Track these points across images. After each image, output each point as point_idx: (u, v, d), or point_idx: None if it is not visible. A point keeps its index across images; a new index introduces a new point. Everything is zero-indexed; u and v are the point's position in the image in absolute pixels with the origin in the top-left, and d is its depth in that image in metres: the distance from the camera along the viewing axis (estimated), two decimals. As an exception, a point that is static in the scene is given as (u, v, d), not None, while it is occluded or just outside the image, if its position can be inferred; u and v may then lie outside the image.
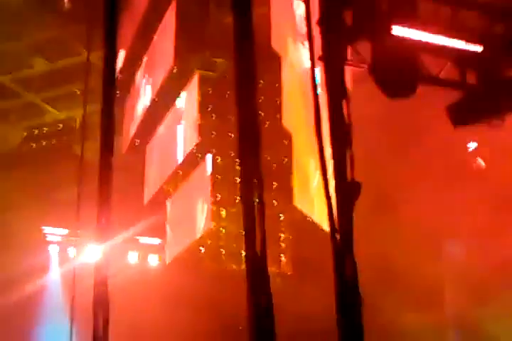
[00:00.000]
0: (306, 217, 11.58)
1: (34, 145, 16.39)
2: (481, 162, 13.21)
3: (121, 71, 12.98)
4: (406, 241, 11.91)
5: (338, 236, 3.41)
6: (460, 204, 12.34)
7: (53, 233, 15.77)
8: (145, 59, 13.44)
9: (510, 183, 12.02)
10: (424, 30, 4.98)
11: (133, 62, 13.41)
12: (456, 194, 12.22)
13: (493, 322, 12.94)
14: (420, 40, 4.94)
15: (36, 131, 16.40)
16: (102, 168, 3.41)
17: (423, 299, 12.92)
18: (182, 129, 13.33)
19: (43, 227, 15.71)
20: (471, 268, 13.30)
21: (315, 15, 3.94)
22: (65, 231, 15.50)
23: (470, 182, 12.50)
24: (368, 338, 3.24)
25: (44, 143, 16.32)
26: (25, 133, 16.42)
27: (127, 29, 12.63)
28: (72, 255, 15.42)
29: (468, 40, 5.20)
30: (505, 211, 12.36)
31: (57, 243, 15.87)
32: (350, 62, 4.68)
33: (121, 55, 13.23)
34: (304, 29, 4.11)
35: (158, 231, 14.73)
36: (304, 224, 12.15)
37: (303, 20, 4.11)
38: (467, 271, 13.41)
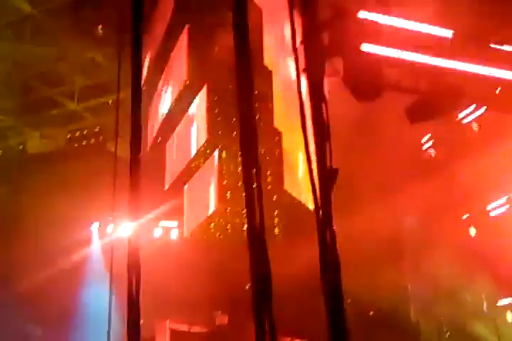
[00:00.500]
0: (294, 198, 11.62)
1: (76, 144, 16.41)
2: (431, 153, 13.23)
3: (145, 83, 13.00)
4: (368, 215, 11.86)
5: (320, 213, 3.45)
6: (412, 186, 12.35)
7: (94, 214, 15.83)
8: (164, 74, 13.46)
9: (454, 170, 12.03)
10: (386, 46, 5.04)
11: (154, 77, 13.42)
12: (407, 179, 12.25)
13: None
14: (382, 55, 5.00)
15: (78, 133, 16.41)
16: (132, 162, 3.47)
17: (382, 257, 12.92)
18: (194, 129, 13.35)
19: (85, 210, 15.78)
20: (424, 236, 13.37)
21: (299, 37, 3.98)
22: (104, 213, 15.56)
23: (421, 171, 12.52)
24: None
25: (84, 142, 16.34)
26: (69, 135, 16.42)
27: (149, 50, 12.65)
28: (109, 231, 15.49)
29: (422, 52, 5.26)
30: (446, 191, 12.40)
31: (98, 221, 15.95)
32: (327, 74, 4.75)
33: (145, 71, 13.27)
34: (290, 47, 4.15)
35: (178, 210, 14.78)
36: (292, 204, 12.17)
37: (289, 40, 4.13)
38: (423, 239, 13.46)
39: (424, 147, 13.23)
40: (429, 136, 12.95)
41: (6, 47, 13.07)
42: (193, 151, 13.39)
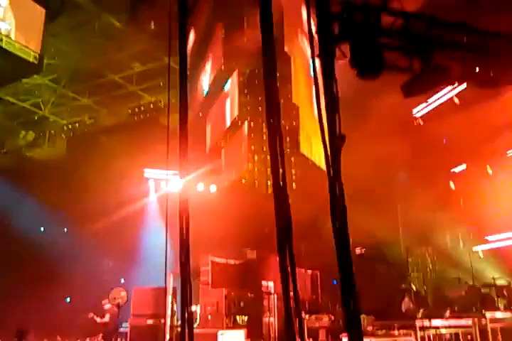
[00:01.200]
0: (308, 159, 11.56)
1: (135, 118, 16.49)
2: (420, 121, 12.93)
3: (189, 69, 12.87)
4: (368, 171, 11.73)
5: (331, 171, 3.43)
6: (404, 147, 12.17)
7: (151, 172, 16.06)
8: (204, 61, 13.30)
9: (438, 134, 11.77)
10: (386, 32, 4.90)
11: (197, 63, 13.27)
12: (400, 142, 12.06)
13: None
14: (382, 40, 4.87)
15: (136, 109, 16.45)
16: (181, 131, 3.47)
17: (382, 207, 12.89)
18: (228, 106, 13.28)
19: (144, 169, 15.98)
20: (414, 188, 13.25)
21: (314, 27, 3.87)
22: (159, 171, 15.75)
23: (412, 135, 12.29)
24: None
25: (141, 116, 16.40)
26: (129, 111, 16.49)
27: (193, 40, 12.48)
28: (163, 186, 15.71)
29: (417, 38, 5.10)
30: (433, 151, 12.16)
31: (154, 179, 16.17)
32: (336, 57, 4.63)
33: (189, 58, 13.09)
34: (306, 36, 4.06)
35: (216, 170, 14.86)
36: (307, 164, 12.11)
37: (305, 29, 4.04)
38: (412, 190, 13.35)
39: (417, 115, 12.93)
40: (419, 107, 12.62)
41: (80, 41, 13.07)
42: (228, 123, 13.36)
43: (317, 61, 3.83)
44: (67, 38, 13.07)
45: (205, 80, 13.47)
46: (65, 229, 17.00)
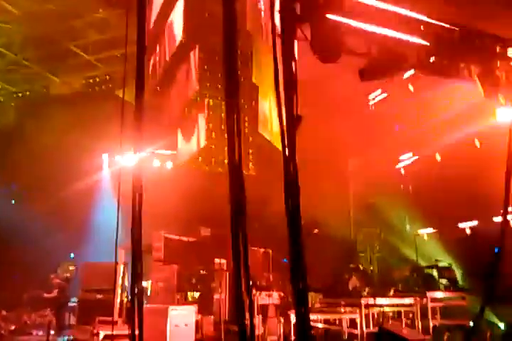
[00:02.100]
0: (265, 139, 11.61)
1: (90, 90, 16.00)
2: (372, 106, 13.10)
3: (148, 40, 12.54)
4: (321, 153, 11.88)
5: (286, 150, 3.46)
6: (356, 128, 12.39)
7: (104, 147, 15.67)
8: (164, 32, 12.98)
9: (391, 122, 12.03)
10: (346, 16, 4.93)
11: (156, 35, 12.94)
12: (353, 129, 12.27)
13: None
14: (343, 24, 4.89)
15: (91, 80, 15.97)
16: (137, 106, 3.41)
17: (334, 189, 13.14)
18: (187, 81, 13.08)
19: (98, 143, 15.58)
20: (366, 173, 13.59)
21: (277, 7, 3.85)
22: (112, 146, 15.38)
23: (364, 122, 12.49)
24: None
25: (96, 88, 15.93)
26: (83, 81, 15.99)
27: (152, 11, 12.12)
28: (117, 160, 15.39)
29: (376, 24, 5.15)
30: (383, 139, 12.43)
31: (107, 153, 15.80)
32: (298, 38, 4.62)
33: (147, 30, 12.74)
34: (268, 15, 4.02)
35: (173, 146, 14.70)
36: (264, 144, 12.15)
37: (268, 9, 4.00)
38: (364, 175, 13.69)
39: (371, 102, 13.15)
40: (374, 93, 12.81)
41: (32, 6, 12.47)
42: (186, 98, 13.18)
43: (278, 41, 3.82)
44: (20, 2, 12.42)
45: (165, 53, 13.16)
46: (13, 201, 16.46)
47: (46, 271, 12.25)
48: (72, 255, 14.93)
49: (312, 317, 9.03)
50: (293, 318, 8.95)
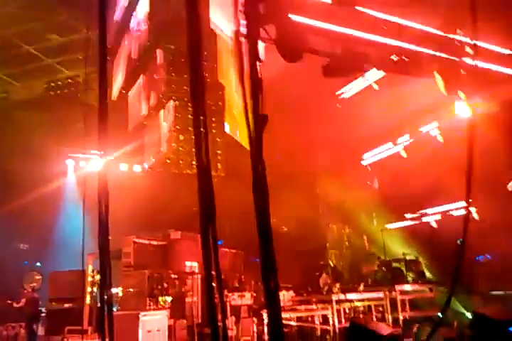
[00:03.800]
0: (233, 139, 11.54)
1: (52, 93, 15.62)
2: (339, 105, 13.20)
3: (110, 42, 12.32)
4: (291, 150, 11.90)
5: (253, 150, 3.44)
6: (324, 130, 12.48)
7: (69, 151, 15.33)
8: (127, 35, 12.77)
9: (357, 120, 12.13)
10: (309, 17, 4.95)
11: (119, 37, 12.72)
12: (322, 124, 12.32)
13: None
14: (306, 24, 4.91)
15: (53, 84, 15.60)
16: (101, 109, 3.33)
17: (300, 185, 13.18)
18: (154, 83, 12.93)
19: (62, 148, 15.22)
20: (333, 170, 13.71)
21: (241, 7, 3.83)
22: (77, 150, 15.06)
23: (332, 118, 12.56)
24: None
25: (58, 92, 15.57)
26: (45, 86, 15.60)
27: (114, 14, 11.92)
28: (82, 166, 15.06)
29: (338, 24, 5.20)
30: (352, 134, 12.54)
31: (72, 158, 15.45)
32: (262, 38, 4.63)
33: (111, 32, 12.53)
34: (233, 15, 4.00)
35: (139, 149, 14.50)
36: (232, 145, 12.08)
37: (232, 9, 3.98)
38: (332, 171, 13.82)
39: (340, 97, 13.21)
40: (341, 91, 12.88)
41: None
42: (152, 101, 13.02)
43: (242, 40, 3.80)
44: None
45: (129, 56, 12.96)
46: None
47: (15, 281, 11.87)
48: (38, 264, 14.52)
49: (285, 315, 9.06)
50: (266, 318, 8.96)
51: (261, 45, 4.01)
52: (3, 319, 11.56)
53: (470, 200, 3.92)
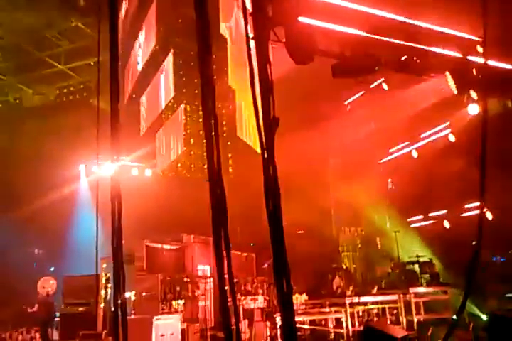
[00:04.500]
0: (244, 142, 11.58)
1: (64, 99, 15.76)
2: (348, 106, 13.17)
3: (121, 48, 12.43)
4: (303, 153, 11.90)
5: (265, 154, 3.42)
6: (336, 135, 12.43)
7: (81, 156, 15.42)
8: (137, 40, 12.87)
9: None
10: (319, 18, 4.93)
11: (129, 43, 12.83)
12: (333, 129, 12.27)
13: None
14: (315, 26, 4.89)
15: (65, 90, 15.75)
16: (112, 114, 3.33)
17: (312, 188, 13.14)
18: (163, 87, 12.98)
19: (75, 153, 15.31)
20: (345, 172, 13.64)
21: (249, 10, 3.81)
22: (89, 155, 15.15)
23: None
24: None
25: (71, 97, 15.71)
26: (57, 91, 15.74)
27: (124, 19, 12.02)
28: (95, 170, 15.14)
29: (348, 25, 5.17)
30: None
31: (85, 163, 15.53)
32: (272, 41, 4.62)
33: (121, 37, 12.64)
34: (242, 19, 4.01)
35: (151, 154, 14.55)
36: (243, 148, 12.12)
37: (241, 13, 3.99)
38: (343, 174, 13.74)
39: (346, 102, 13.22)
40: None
41: (2, 17, 12.24)
42: (163, 105, 13.08)
43: (252, 43, 3.79)
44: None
45: (139, 60, 13.06)
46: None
47: (25, 285, 11.95)
48: (52, 268, 14.61)
49: (298, 319, 9.02)
50: (279, 321, 8.92)
51: (270, 48, 3.98)
52: (17, 324, 11.65)
53: (484, 200, 3.87)
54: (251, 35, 3.54)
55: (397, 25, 5.74)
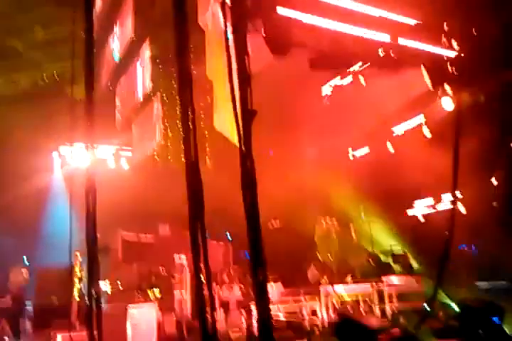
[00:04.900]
0: (221, 134, 11.50)
1: (38, 88, 15.40)
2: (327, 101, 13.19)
3: (96, 37, 12.17)
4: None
5: (242, 146, 3.44)
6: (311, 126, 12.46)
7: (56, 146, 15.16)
8: (113, 30, 12.62)
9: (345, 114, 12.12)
10: (296, 10, 4.93)
11: (105, 32, 12.57)
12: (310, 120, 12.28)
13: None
14: (293, 18, 4.90)
15: (39, 79, 15.38)
16: (87, 103, 3.30)
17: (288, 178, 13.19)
18: (140, 77, 12.80)
19: (48, 142, 15.03)
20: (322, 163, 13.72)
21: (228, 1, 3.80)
22: (63, 143, 14.90)
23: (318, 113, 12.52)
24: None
25: (44, 86, 15.35)
26: (30, 80, 15.37)
27: (100, 7, 11.76)
28: (69, 160, 14.89)
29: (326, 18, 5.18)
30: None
31: (59, 153, 15.26)
32: (250, 33, 4.59)
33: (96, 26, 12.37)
34: (220, 9, 3.96)
35: (127, 145, 14.39)
36: (220, 139, 12.02)
37: (219, 3, 3.94)
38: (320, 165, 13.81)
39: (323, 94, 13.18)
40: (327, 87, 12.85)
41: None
42: (139, 95, 12.90)
43: (230, 35, 3.77)
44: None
45: (115, 50, 12.82)
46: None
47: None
48: (25, 259, 14.37)
49: (273, 307, 9.10)
50: (254, 310, 9.00)
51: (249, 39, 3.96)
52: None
53: (456, 193, 3.96)
54: (229, 28, 3.52)
55: (374, 18, 5.77)
